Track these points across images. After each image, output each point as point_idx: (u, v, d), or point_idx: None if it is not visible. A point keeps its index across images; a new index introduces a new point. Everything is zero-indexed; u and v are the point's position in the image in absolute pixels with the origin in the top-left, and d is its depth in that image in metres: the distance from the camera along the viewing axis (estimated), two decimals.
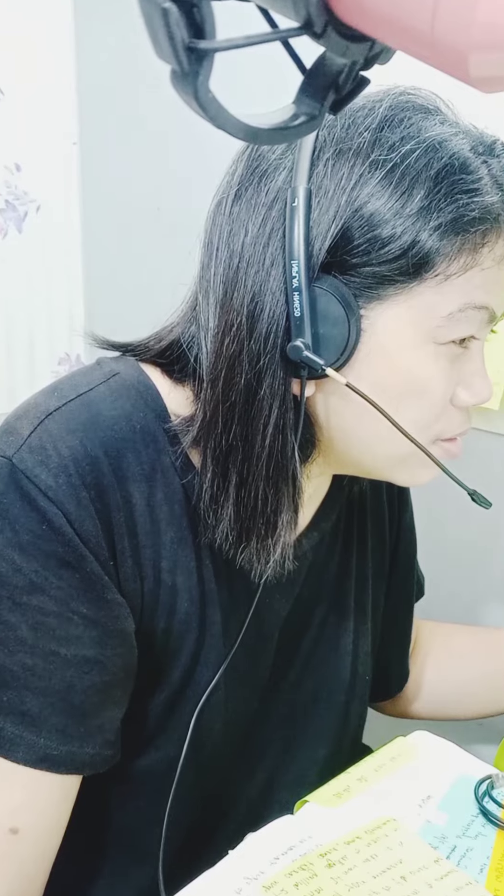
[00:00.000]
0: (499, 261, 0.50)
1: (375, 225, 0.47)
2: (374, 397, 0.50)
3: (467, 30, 0.22)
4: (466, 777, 0.59)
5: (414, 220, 0.47)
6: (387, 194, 0.47)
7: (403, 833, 0.52)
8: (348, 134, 0.48)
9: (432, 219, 0.47)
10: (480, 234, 0.48)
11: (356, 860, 0.50)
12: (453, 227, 0.47)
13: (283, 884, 0.48)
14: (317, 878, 0.49)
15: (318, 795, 0.56)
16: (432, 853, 0.51)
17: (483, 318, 0.51)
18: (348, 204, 0.47)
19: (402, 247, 0.47)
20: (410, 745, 0.62)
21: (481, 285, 0.50)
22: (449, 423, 0.54)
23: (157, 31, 0.24)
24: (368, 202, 0.47)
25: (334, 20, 0.25)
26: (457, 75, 0.24)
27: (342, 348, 0.49)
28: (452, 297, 0.49)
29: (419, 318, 0.49)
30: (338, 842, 0.52)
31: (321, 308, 0.48)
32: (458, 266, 0.48)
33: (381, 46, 0.28)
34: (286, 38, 0.26)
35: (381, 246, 0.47)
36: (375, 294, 0.49)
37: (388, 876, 0.49)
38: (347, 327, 0.48)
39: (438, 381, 0.51)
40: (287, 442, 0.51)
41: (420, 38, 0.23)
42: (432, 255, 0.47)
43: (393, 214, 0.47)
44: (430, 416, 0.52)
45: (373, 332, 0.50)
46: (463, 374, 0.53)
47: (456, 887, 0.48)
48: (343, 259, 0.48)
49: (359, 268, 0.48)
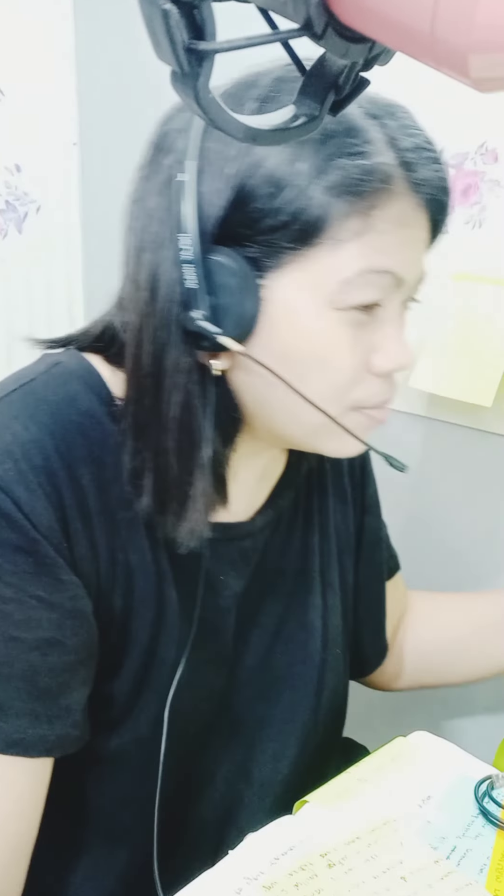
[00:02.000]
0: (397, 224, 0.50)
1: (263, 194, 0.47)
2: (280, 367, 0.51)
3: (467, 31, 0.22)
4: (466, 777, 0.59)
5: (300, 187, 0.47)
6: (272, 163, 0.47)
7: (404, 834, 0.52)
8: (234, 106, 0.48)
9: (318, 184, 0.47)
10: (371, 197, 0.48)
11: (357, 861, 0.50)
12: (339, 191, 0.47)
13: (284, 884, 0.48)
14: (317, 878, 0.49)
15: (318, 795, 0.56)
16: (432, 854, 0.51)
17: (387, 283, 0.51)
18: (236, 176, 0.48)
19: (290, 214, 0.47)
20: (410, 745, 0.62)
21: (380, 249, 0.49)
22: (368, 390, 0.54)
23: (158, 33, 0.24)
24: (255, 173, 0.47)
25: (334, 21, 0.25)
26: (457, 76, 0.24)
27: (241, 319, 0.50)
28: (349, 262, 0.49)
29: (316, 284, 0.49)
30: (338, 842, 0.52)
31: (218, 280, 0.48)
32: (351, 231, 0.48)
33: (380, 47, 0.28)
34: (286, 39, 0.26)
35: (271, 214, 0.48)
36: (272, 263, 0.49)
37: (389, 876, 0.49)
38: (245, 297, 0.49)
39: (343, 348, 0.51)
40: (196, 414, 0.52)
41: (420, 40, 0.23)
42: (322, 221, 0.48)
43: (279, 183, 0.47)
44: (340, 383, 0.52)
45: (273, 301, 0.50)
46: (376, 341, 0.53)
47: (456, 888, 0.48)
48: (237, 230, 0.48)
49: (253, 238, 0.48)
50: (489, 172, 0.82)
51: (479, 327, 0.84)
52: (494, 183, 0.82)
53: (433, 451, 0.96)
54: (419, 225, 0.52)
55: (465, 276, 0.86)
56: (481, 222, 0.84)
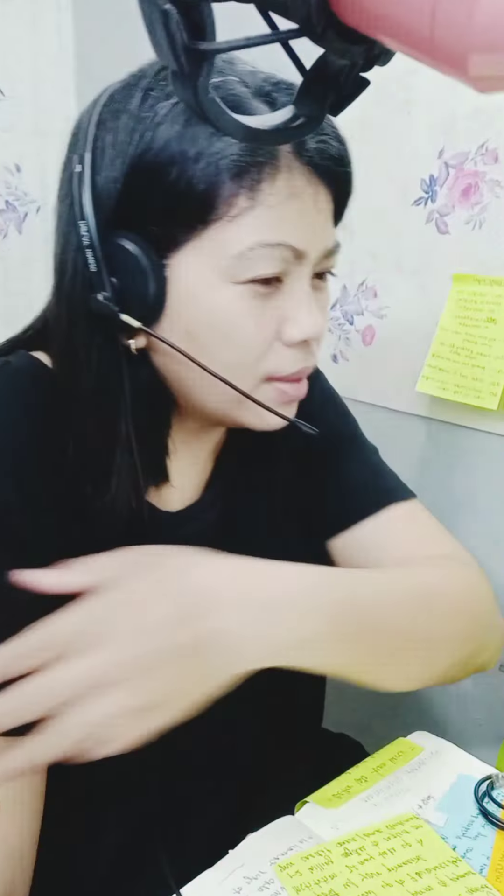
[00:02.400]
0: (287, 197, 0.51)
1: (153, 178, 0.49)
2: (188, 343, 0.53)
3: (466, 31, 0.22)
4: (466, 777, 0.59)
5: (186, 168, 0.49)
6: (159, 147, 0.49)
7: (425, 831, 0.53)
8: (125, 97, 0.51)
9: (203, 164, 0.48)
10: (256, 172, 0.49)
11: (373, 852, 0.50)
12: (224, 169, 0.49)
13: (299, 866, 0.49)
14: (332, 864, 0.49)
15: (318, 796, 0.56)
16: (451, 853, 0.51)
17: (284, 256, 0.52)
18: (126, 163, 0.50)
19: (180, 195, 0.49)
20: (410, 745, 0.62)
21: (271, 223, 0.50)
22: (279, 361, 0.55)
23: (158, 33, 0.24)
24: (143, 158, 0.49)
25: (334, 22, 0.25)
26: (456, 76, 0.24)
27: (146, 299, 0.52)
28: (241, 237, 0.50)
29: (212, 260, 0.51)
30: (357, 833, 0.52)
31: (121, 263, 0.51)
32: (240, 206, 0.50)
33: (380, 48, 0.28)
34: (286, 39, 0.26)
35: (162, 197, 0.49)
36: (172, 243, 0.51)
37: (404, 871, 0.49)
38: (149, 278, 0.51)
39: (246, 321, 0.52)
40: (111, 391, 0.54)
41: (419, 40, 0.23)
42: (210, 199, 0.49)
43: (166, 166, 0.49)
44: (247, 355, 0.54)
45: (176, 279, 0.52)
46: (284, 311, 0.54)
47: (470, 889, 0.48)
48: (134, 214, 0.50)
49: (150, 220, 0.50)
50: (489, 172, 0.82)
51: (480, 329, 0.84)
52: (494, 183, 0.82)
53: (435, 452, 0.96)
54: (314, 196, 0.53)
55: (466, 277, 0.86)
56: (481, 222, 0.84)
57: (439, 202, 0.87)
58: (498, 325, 0.83)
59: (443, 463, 0.95)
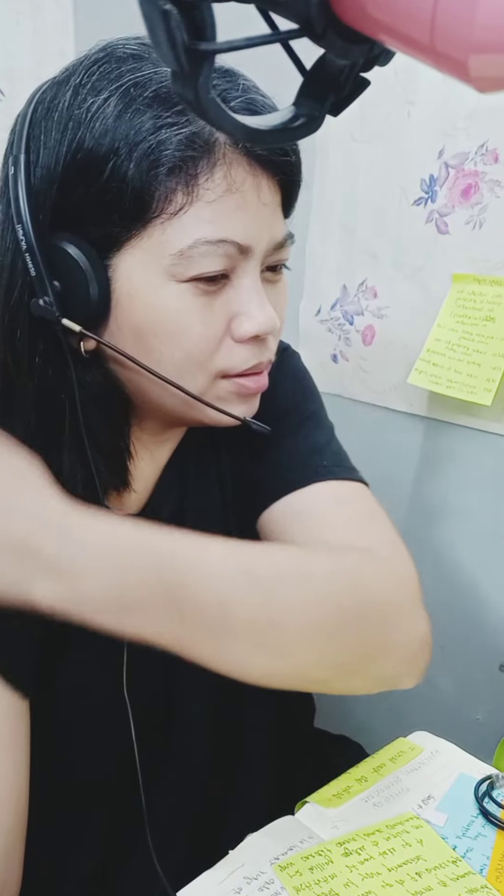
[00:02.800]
0: (227, 191, 0.49)
1: (85, 178, 0.48)
2: (136, 343, 0.52)
3: (467, 31, 0.22)
4: (466, 777, 0.59)
5: (118, 166, 0.47)
6: (91, 146, 0.48)
7: (425, 831, 0.53)
8: (55, 95, 0.50)
9: (135, 161, 0.47)
10: (192, 166, 0.48)
11: (373, 851, 0.50)
12: (157, 165, 0.48)
13: (299, 866, 0.49)
14: (332, 864, 0.49)
15: (318, 796, 0.56)
16: (451, 853, 0.51)
17: (228, 252, 0.50)
18: (59, 162, 0.49)
19: (115, 194, 0.48)
20: (410, 745, 0.62)
21: (212, 220, 0.49)
22: (233, 358, 0.54)
23: (158, 33, 0.24)
24: (76, 158, 0.48)
25: (334, 22, 0.25)
26: (456, 76, 0.24)
27: (90, 301, 0.51)
28: (181, 235, 0.49)
29: (154, 259, 0.50)
30: (357, 832, 0.52)
31: (62, 265, 0.50)
32: (177, 203, 0.48)
33: (380, 48, 0.28)
34: (286, 39, 0.26)
35: (97, 196, 0.48)
36: (113, 243, 0.50)
37: (404, 871, 0.49)
38: (91, 280, 0.50)
39: (191, 319, 0.51)
40: (55, 396, 0.53)
41: (420, 40, 0.23)
42: (146, 197, 0.48)
43: (99, 164, 0.48)
44: (196, 354, 0.52)
45: (119, 280, 0.51)
46: (234, 307, 0.53)
47: (470, 889, 0.48)
48: (72, 215, 0.49)
49: (88, 220, 0.49)
50: (489, 172, 0.82)
51: (478, 327, 0.84)
52: (494, 183, 0.82)
53: (434, 452, 0.96)
54: (256, 188, 0.51)
55: (466, 277, 0.86)
56: (481, 222, 0.84)
57: (439, 202, 0.87)
58: (496, 324, 0.83)
59: (442, 462, 0.95)
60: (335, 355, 1.04)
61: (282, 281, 0.58)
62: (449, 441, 0.94)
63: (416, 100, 0.87)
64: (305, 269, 1.04)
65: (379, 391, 1.00)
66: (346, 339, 1.02)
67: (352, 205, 0.96)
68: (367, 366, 1.00)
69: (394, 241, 0.93)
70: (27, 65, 1.24)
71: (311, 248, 1.03)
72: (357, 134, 0.94)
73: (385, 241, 0.94)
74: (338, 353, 1.04)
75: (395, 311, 0.95)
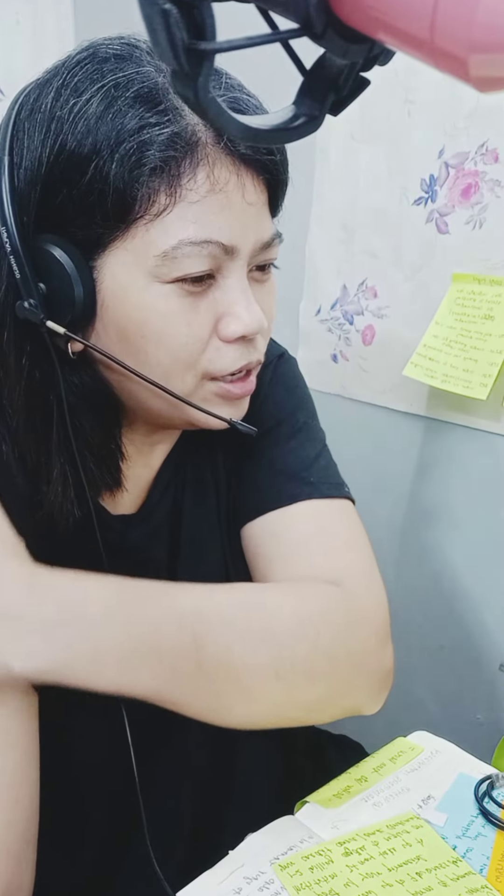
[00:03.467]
0: (211, 190, 0.49)
1: (68, 179, 0.48)
2: (122, 345, 0.52)
3: (467, 31, 0.22)
4: (466, 777, 0.59)
5: (101, 167, 0.47)
6: (73, 147, 0.47)
7: (425, 831, 0.53)
8: (38, 96, 0.50)
9: (117, 161, 0.47)
10: (175, 166, 0.48)
11: (374, 851, 0.50)
12: (139, 165, 0.47)
13: (299, 865, 0.49)
14: (332, 864, 0.49)
15: (318, 796, 0.56)
16: (452, 853, 0.51)
17: (213, 253, 0.50)
18: (42, 163, 0.48)
19: (98, 194, 0.48)
20: (410, 745, 0.62)
21: (195, 220, 0.49)
22: (220, 359, 0.53)
23: (158, 33, 0.24)
24: (58, 159, 0.48)
25: (334, 21, 0.25)
26: (457, 76, 0.24)
27: (75, 303, 0.50)
28: (165, 236, 0.49)
29: (138, 260, 0.50)
30: (358, 832, 0.52)
31: (47, 267, 0.50)
32: (161, 204, 0.48)
33: (380, 48, 0.28)
34: (286, 39, 0.26)
35: (80, 198, 0.48)
36: (97, 245, 0.50)
37: (404, 871, 0.49)
38: (76, 281, 0.50)
39: (177, 320, 0.51)
40: (44, 397, 0.53)
41: (420, 40, 0.23)
42: (129, 197, 0.48)
43: (81, 165, 0.47)
44: (183, 355, 0.52)
45: (104, 282, 0.51)
46: (221, 308, 0.52)
47: (471, 889, 0.48)
48: (56, 217, 0.49)
49: (73, 222, 0.49)
50: (489, 172, 0.82)
51: (477, 325, 0.84)
52: (494, 183, 0.82)
53: (434, 451, 0.96)
54: (240, 188, 0.50)
55: (465, 276, 0.86)
56: (481, 222, 0.84)
57: (439, 202, 0.87)
58: (495, 322, 0.83)
59: (441, 462, 0.95)
60: (335, 355, 1.04)
61: (270, 280, 0.57)
62: (449, 441, 0.94)
63: (416, 100, 0.87)
64: (305, 269, 1.04)
65: (379, 391, 1.00)
66: (346, 338, 1.02)
67: (352, 205, 0.96)
68: (367, 366, 1.00)
69: (394, 240, 0.93)
70: (27, 65, 1.24)
71: (311, 248, 1.03)
72: (357, 134, 0.94)
73: (385, 241, 0.94)
74: (338, 352, 1.04)
75: (395, 310, 0.95)
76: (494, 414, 0.87)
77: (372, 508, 0.83)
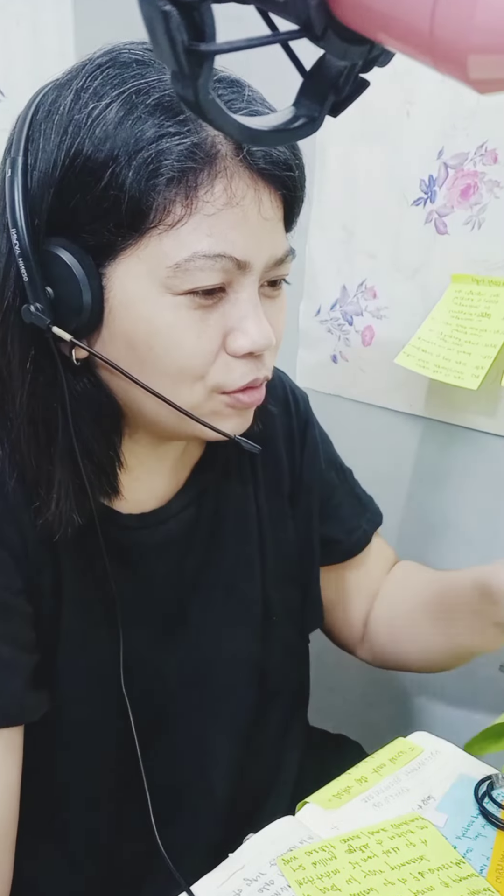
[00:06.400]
0: (228, 204, 0.48)
1: (83, 183, 0.47)
2: (129, 353, 0.51)
3: (466, 33, 0.22)
4: (466, 777, 0.59)
5: (117, 174, 0.46)
6: (90, 151, 0.47)
7: (429, 832, 0.53)
8: (56, 98, 0.49)
9: (134, 169, 0.46)
10: (193, 177, 0.47)
11: (377, 850, 0.51)
12: (156, 175, 0.47)
13: (302, 860, 0.49)
14: (335, 860, 0.50)
15: (318, 796, 0.56)
16: (455, 855, 0.51)
17: (225, 267, 0.49)
18: (57, 166, 0.48)
19: (112, 202, 0.47)
20: (410, 745, 0.62)
21: (211, 233, 0.48)
22: (228, 374, 0.53)
23: (158, 34, 0.24)
24: (74, 162, 0.47)
25: (334, 23, 0.25)
26: (456, 77, 0.24)
27: (82, 309, 0.50)
28: (178, 248, 0.48)
29: (150, 270, 0.49)
30: (362, 830, 0.52)
31: (55, 271, 0.49)
32: (176, 215, 0.47)
33: (380, 49, 0.28)
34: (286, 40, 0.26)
35: (94, 203, 0.47)
36: (108, 251, 0.49)
37: (407, 870, 0.49)
38: (84, 287, 0.49)
39: (186, 333, 0.50)
40: (47, 404, 0.53)
41: (419, 41, 0.23)
42: (143, 206, 0.47)
43: (97, 171, 0.47)
44: (190, 367, 0.52)
45: (113, 289, 0.50)
46: (230, 322, 0.52)
47: (473, 891, 0.48)
48: (69, 221, 0.48)
49: (85, 227, 0.48)
50: (489, 172, 0.82)
51: (473, 322, 0.84)
52: (494, 183, 0.82)
53: (433, 452, 0.96)
54: (257, 203, 0.50)
55: (464, 277, 0.86)
56: (480, 223, 0.84)
57: (438, 202, 0.87)
58: (491, 319, 0.83)
59: (441, 463, 0.95)
60: (335, 356, 1.04)
61: (281, 296, 0.57)
62: (449, 441, 0.94)
63: (415, 100, 0.87)
64: (305, 270, 1.04)
65: (378, 391, 1.00)
66: (345, 339, 1.02)
67: (351, 205, 0.96)
68: (367, 366, 1.00)
69: (393, 241, 0.93)
70: (27, 65, 1.24)
71: (311, 249, 1.03)
72: (357, 134, 0.94)
73: (384, 241, 0.94)
74: (337, 353, 1.04)
75: (395, 311, 0.95)
76: (495, 415, 0.87)
77: None
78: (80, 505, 0.55)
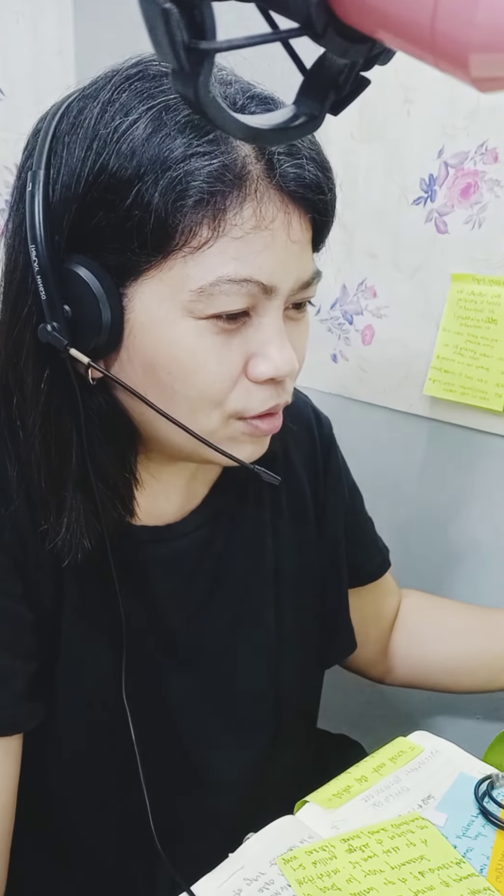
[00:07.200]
0: (256, 227, 0.47)
1: (108, 201, 0.46)
2: (147, 376, 0.50)
3: (467, 31, 0.22)
4: (466, 777, 0.59)
5: (143, 193, 0.45)
6: (116, 168, 0.45)
7: (430, 832, 0.53)
8: (82, 110, 0.47)
9: (161, 189, 0.45)
10: (221, 199, 0.45)
11: (377, 849, 0.50)
12: (183, 196, 0.45)
13: (302, 859, 0.49)
14: (335, 859, 0.50)
15: (318, 796, 0.56)
16: (455, 855, 0.51)
17: (251, 291, 0.48)
18: (81, 182, 0.46)
19: (136, 221, 0.45)
20: (410, 744, 0.62)
21: (237, 257, 0.47)
22: (248, 399, 0.51)
23: (158, 32, 0.24)
24: (98, 179, 0.46)
25: (335, 21, 0.25)
26: (457, 75, 0.24)
27: (101, 329, 0.48)
28: (203, 271, 0.46)
29: (172, 293, 0.47)
30: (362, 830, 0.52)
31: (75, 290, 0.47)
32: (202, 237, 0.46)
33: (381, 47, 0.28)
34: (287, 38, 0.26)
35: (118, 222, 0.46)
36: (131, 272, 0.47)
37: (407, 869, 0.49)
38: (104, 307, 0.48)
39: (207, 357, 0.49)
40: (61, 425, 0.51)
41: (420, 39, 0.23)
42: (169, 228, 0.45)
43: (122, 189, 0.45)
44: (210, 392, 0.50)
45: (134, 310, 0.49)
46: (253, 347, 0.50)
47: (473, 891, 0.48)
48: (91, 238, 0.47)
49: (107, 246, 0.47)
50: (489, 172, 0.82)
51: (481, 329, 0.84)
52: (494, 183, 0.82)
53: (434, 452, 0.96)
54: (286, 226, 0.48)
55: (465, 276, 0.86)
56: (480, 222, 0.84)
57: (438, 202, 0.87)
58: (498, 326, 0.83)
59: (442, 463, 0.95)
60: (335, 355, 1.04)
61: (305, 319, 0.55)
62: (449, 441, 0.94)
63: (415, 99, 0.87)
64: None
65: (379, 391, 1.00)
66: (345, 338, 1.02)
67: (351, 204, 0.96)
68: (367, 365, 1.00)
69: (393, 240, 0.93)
70: (27, 65, 1.24)
71: None
72: (357, 133, 0.94)
73: (384, 240, 0.94)
74: (337, 352, 1.04)
75: (395, 310, 0.95)
76: (498, 415, 0.87)
77: (372, 508, 0.83)
78: (90, 529, 0.54)
